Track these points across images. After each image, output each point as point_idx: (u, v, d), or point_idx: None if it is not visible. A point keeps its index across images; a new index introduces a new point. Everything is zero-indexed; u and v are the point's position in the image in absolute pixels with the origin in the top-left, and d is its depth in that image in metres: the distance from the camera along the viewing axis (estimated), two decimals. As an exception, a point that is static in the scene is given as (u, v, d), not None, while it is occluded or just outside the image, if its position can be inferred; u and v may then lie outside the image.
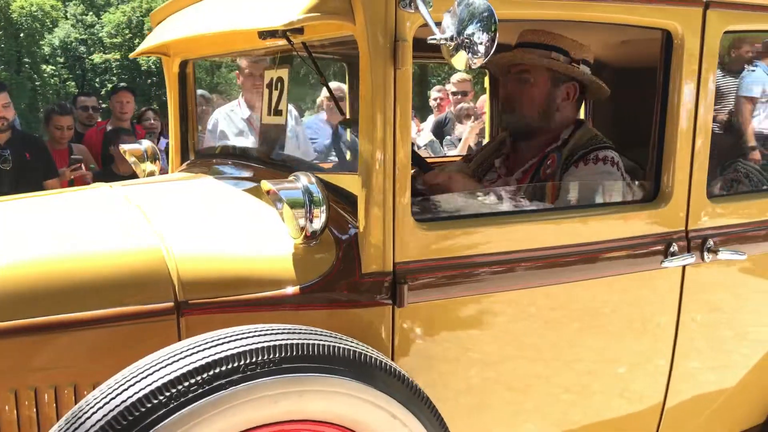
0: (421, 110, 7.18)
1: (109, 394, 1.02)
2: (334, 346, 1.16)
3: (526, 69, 1.92)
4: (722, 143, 2.44)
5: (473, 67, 1.24)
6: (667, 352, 1.81)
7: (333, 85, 4.03)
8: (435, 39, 1.22)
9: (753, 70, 3.13)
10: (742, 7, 1.71)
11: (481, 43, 1.19)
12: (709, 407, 1.98)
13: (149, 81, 22.95)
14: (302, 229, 1.34)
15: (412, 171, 1.52)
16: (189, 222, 1.54)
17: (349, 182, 1.46)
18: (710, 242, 1.76)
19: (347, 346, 1.18)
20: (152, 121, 4.90)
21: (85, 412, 1.01)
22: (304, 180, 1.34)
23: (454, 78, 4.94)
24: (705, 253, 1.75)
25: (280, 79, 1.87)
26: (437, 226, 1.45)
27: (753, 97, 3.13)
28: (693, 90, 1.67)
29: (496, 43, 1.20)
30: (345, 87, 3.05)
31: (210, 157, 2.31)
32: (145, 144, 2.34)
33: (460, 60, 1.24)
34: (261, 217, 1.53)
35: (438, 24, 1.24)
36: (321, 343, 1.15)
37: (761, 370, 2.06)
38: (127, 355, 1.31)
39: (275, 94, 1.90)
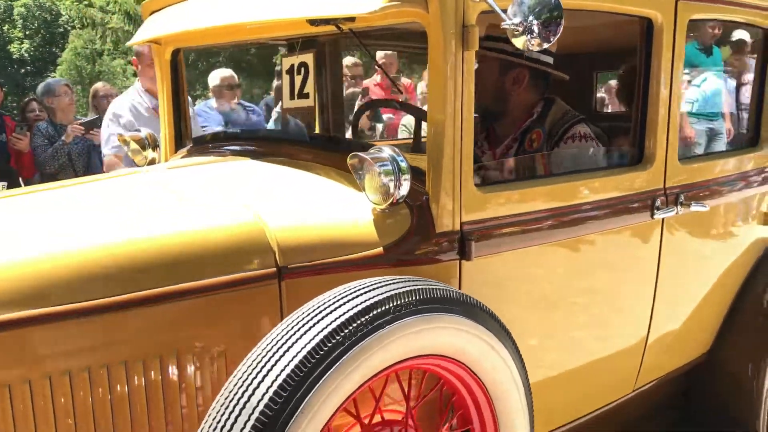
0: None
1: (294, 335, 1.15)
2: (449, 290, 1.35)
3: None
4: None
5: (531, 48, 1.47)
6: (650, 295, 2.14)
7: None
8: (506, 24, 1.43)
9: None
10: (702, 0, 2.06)
11: (549, 30, 1.41)
12: (677, 339, 2.35)
13: (23, 71, 21.23)
14: (389, 195, 1.50)
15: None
16: (268, 196, 1.64)
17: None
18: (682, 197, 2.11)
19: (456, 291, 1.37)
20: (37, 112, 4.73)
21: (275, 353, 1.13)
22: (389, 151, 1.50)
23: (346, 61, 4.80)
24: (678, 207, 2.10)
25: (303, 64, 2.00)
26: (491, 189, 1.67)
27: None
28: (669, 69, 1.99)
29: (561, 30, 1.42)
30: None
31: (213, 143, 2.36)
32: (145, 131, 2.36)
33: (519, 41, 1.45)
34: (329, 188, 1.67)
35: (504, 10, 1.45)
36: (440, 288, 1.33)
37: (709, 305, 2.47)
38: (237, 318, 1.43)
39: (298, 78, 2.02)
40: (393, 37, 2.66)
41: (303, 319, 1.19)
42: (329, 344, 1.14)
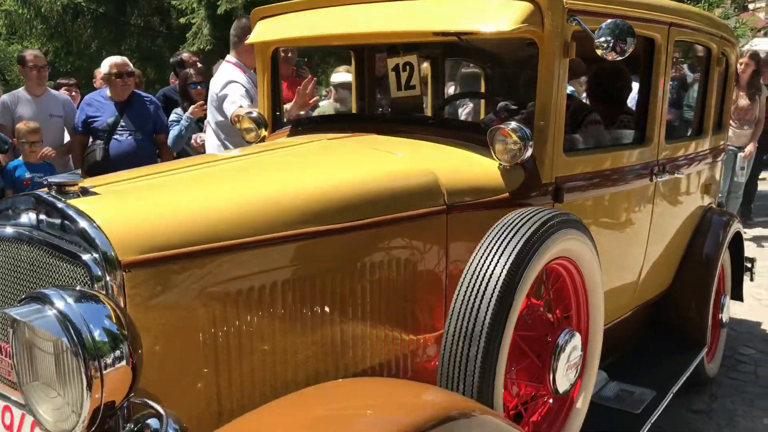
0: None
1: (508, 237, 1.81)
2: (572, 215, 2.05)
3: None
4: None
5: (609, 58, 2.20)
6: (645, 239, 2.96)
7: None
8: (597, 43, 2.15)
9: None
10: (686, 27, 2.91)
11: (624, 46, 2.15)
12: (654, 276, 3.19)
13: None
14: (516, 157, 2.17)
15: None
16: (425, 156, 2.26)
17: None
18: (667, 167, 2.94)
19: (574, 215, 2.08)
20: None
21: (499, 246, 1.78)
22: (515, 123, 2.17)
23: None
24: (666, 174, 2.93)
25: (408, 63, 2.64)
26: (572, 155, 2.40)
27: None
28: (663, 76, 2.81)
29: (633, 46, 2.16)
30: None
31: (315, 126, 2.91)
32: (256, 111, 2.88)
33: (603, 53, 2.18)
34: (461, 152, 2.32)
35: (592, 31, 2.17)
36: (568, 213, 2.04)
37: (672, 251, 3.34)
38: (418, 240, 2.04)
39: (404, 75, 2.66)
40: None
41: (509, 228, 1.85)
42: (536, 236, 1.82)
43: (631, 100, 3.80)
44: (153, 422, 1.39)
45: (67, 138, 5.02)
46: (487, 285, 1.75)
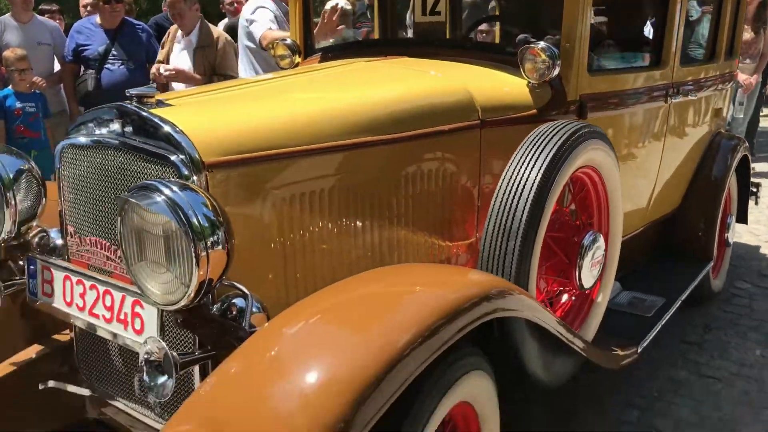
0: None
1: (541, 146, 1.98)
2: (597, 127, 2.23)
3: None
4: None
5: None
6: (658, 159, 3.14)
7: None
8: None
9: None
10: None
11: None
12: (665, 195, 3.38)
13: None
14: (544, 75, 2.33)
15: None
16: (459, 75, 2.42)
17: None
18: (681, 89, 3.10)
19: (598, 128, 2.25)
20: None
21: (534, 152, 1.97)
22: (544, 43, 2.32)
23: None
24: (679, 96, 3.09)
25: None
26: (595, 74, 2.55)
27: None
28: (678, 5, 2.93)
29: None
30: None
31: (346, 52, 3.04)
32: (290, 39, 3.01)
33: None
34: (490, 72, 2.47)
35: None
36: (593, 126, 2.21)
37: (682, 172, 3.52)
38: (454, 152, 2.22)
39: (430, 0, 2.79)
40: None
41: (541, 138, 2.03)
42: (566, 144, 2.00)
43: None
44: (238, 301, 1.61)
45: (57, 67, 4.92)
46: (523, 188, 1.94)
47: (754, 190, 4.47)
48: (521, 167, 1.98)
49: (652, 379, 2.99)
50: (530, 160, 1.98)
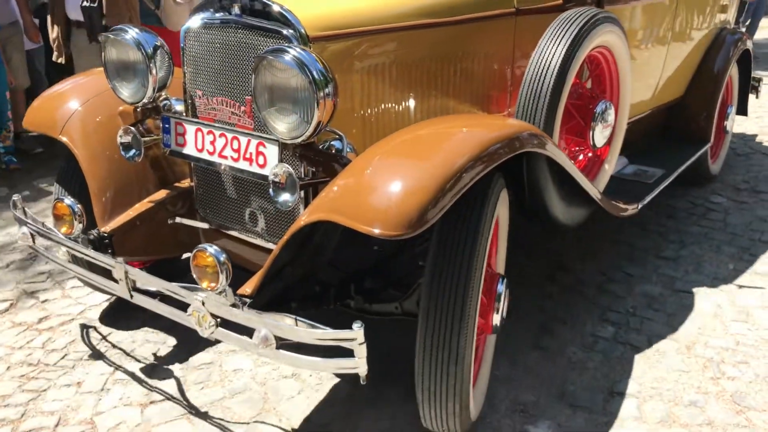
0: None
1: (565, 29, 2.47)
2: (611, 13, 2.69)
3: None
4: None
5: None
6: (665, 48, 3.60)
7: None
8: None
9: None
10: None
11: None
12: (671, 82, 3.85)
13: None
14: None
15: None
16: None
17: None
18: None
19: (612, 14, 2.72)
20: None
21: (559, 35, 2.45)
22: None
23: None
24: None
25: None
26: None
27: None
28: None
29: None
30: None
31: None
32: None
33: None
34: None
35: None
36: (609, 13, 2.68)
37: (687, 62, 3.97)
38: (493, 35, 2.70)
39: None
40: None
41: (565, 22, 2.51)
42: (584, 28, 2.48)
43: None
44: (336, 143, 2.16)
45: None
46: (550, 61, 2.45)
47: (755, 84, 4.91)
48: (549, 45, 2.48)
49: (627, 296, 3.07)
50: (556, 39, 2.48)
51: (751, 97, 4.92)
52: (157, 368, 2.67)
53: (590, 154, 2.96)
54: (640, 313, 2.94)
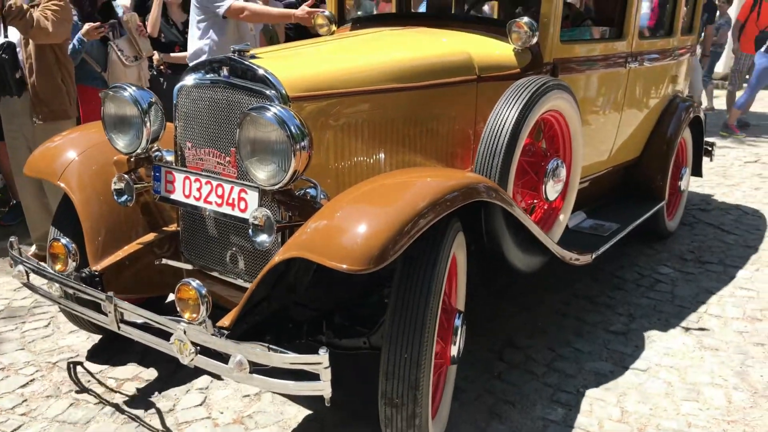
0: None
1: (518, 94, 2.77)
2: (563, 82, 3.01)
3: None
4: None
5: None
6: (618, 115, 3.94)
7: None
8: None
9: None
10: None
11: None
12: (626, 145, 4.18)
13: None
14: (527, 42, 3.10)
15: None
16: (461, 42, 3.19)
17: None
18: (637, 60, 3.88)
19: (564, 82, 3.04)
20: None
21: (513, 101, 2.75)
22: (527, 18, 3.09)
23: None
24: (636, 63, 3.87)
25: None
26: (566, 43, 3.33)
27: None
28: (638, -12, 3.70)
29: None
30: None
31: (371, 22, 3.82)
32: (328, 11, 3.78)
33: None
34: (486, 40, 3.25)
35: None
36: (560, 81, 3.00)
37: (642, 127, 4.32)
38: (455, 100, 3.00)
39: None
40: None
41: (519, 88, 2.81)
42: (535, 93, 2.79)
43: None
44: (311, 191, 2.41)
45: None
46: (504, 123, 2.75)
47: (709, 148, 5.28)
48: (504, 108, 2.78)
49: (577, 374, 3.01)
50: (510, 103, 2.78)
51: (706, 160, 5.29)
52: (142, 403, 2.83)
53: (546, 207, 3.23)
54: (591, 394, 2.86)
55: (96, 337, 3.28)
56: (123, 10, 4.97)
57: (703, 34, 8.27)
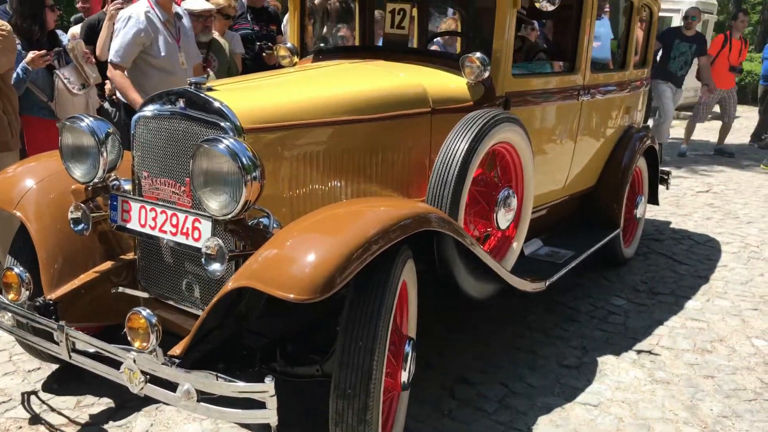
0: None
1: (468, 126, 2.86)
2: (514, 115, 3.12)
3: None
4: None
5: (546, 9, 3.22)
6: (572, 145, 4.06)
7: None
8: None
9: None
10: None
11: (553, 2, 3.17)
12: (581, 174, 4.30)
13: None
14: (479, 76, 3.21)
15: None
16: (418, 74, 3.28)
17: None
18: (590, 92, 4.02)
19: (515, 115, 3.15)
20: None
21: (462, 134, 2.84)
22: (479, 54, 3.20)
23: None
24: (588, 96, 4.01)
25: (402, 10, 3.64)
26: (518, 77, 3.45)
27: None
28: (588, 22, 3.85)
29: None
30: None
31: (332, 54, 3.91)
32: (290, 43, 3.87)
33: (541, 5, 3.20)
34: (440, 73, 3.35)
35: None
36: (511, 114, 3.10)
37: (597, 156, 4.45)
38: (411, 131, 3.09)
39: (398, 17, 3.66)
40: None
41: (469, 121, 2.91)
42: (485, 126, 2.88)
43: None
44: (264, 220, 2.46)
45: None
46: (455, 154, 2.83)
47: (665, 177, 5.44)
48: (454, 140, 2.87)
49: (529, 411, 2.98)
50: (461, 135, 2.87)
51: (662, 188, 5.46)
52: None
53: (499, 235, 3.31)
54: (543, 430, 2.85)
55: (53, 366, 3.27)
56: (69, 37, 4.91)
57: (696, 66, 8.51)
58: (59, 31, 4.95)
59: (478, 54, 3.19)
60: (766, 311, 4.14)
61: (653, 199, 5.29)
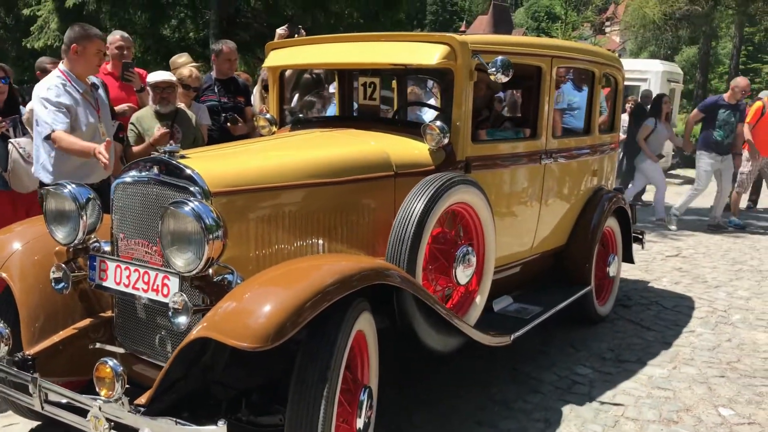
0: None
1: (424, 189, 3.08)
2: (471, 178, 3.33)
3: None
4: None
5: (499, 81, 3.49)
6: (538, 207, 4.26)
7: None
8: (490, 72, 3.44)
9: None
10: (565, 60, 4.23)
11: (506, 74, 3.44)
12: (550, 234, 4.49)
13: None
14: (440, 142, 3.45)
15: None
16: (382, 141, 3.53)
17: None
18: (552, 156, 4.25)
19: (473, 179, 3.36)
20: None
21: (419, 196, 3.05)
22: (439, 122, 3.45)
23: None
24: (552, 159, 4.24)
25: (373, 83, 3.92)
26: (477, 143, 3.68)
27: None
28: (548, 91, 4.12)
29: (511, 75, 3.45)
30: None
31: (309, 124, 4.19)
32: (269, 113, 4.15)
33: (495, 77, 3.47)
34: (405, 140, 3.59)
35: (487, 64, 3.47)
36: (468, 177, 3.32)
37: (567, 217, 4.64)
38: (374, 194, 3.31)
39: (369, 90, 3.94)
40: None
41: (427, 183, 3.12)
42: (441, 187, 3.09)
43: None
44: (229, 276, 2.65)
45: None
46: (412, 213, 3.04)
47: (639, 236, 5.62)
48: (412, 201, 3.08)
49: None
50: (418, 196, 3.09)
51: (637, 247, 5.62)
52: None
53: (462, 291, 3.47)
54: None
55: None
56: (27, 110, 4.61)
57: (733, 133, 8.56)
58: (21, 101, 4.72)
59: (438, 122, 3.44)
60: (732, 378, 4.10)
61: (628, 258, 5.44)
